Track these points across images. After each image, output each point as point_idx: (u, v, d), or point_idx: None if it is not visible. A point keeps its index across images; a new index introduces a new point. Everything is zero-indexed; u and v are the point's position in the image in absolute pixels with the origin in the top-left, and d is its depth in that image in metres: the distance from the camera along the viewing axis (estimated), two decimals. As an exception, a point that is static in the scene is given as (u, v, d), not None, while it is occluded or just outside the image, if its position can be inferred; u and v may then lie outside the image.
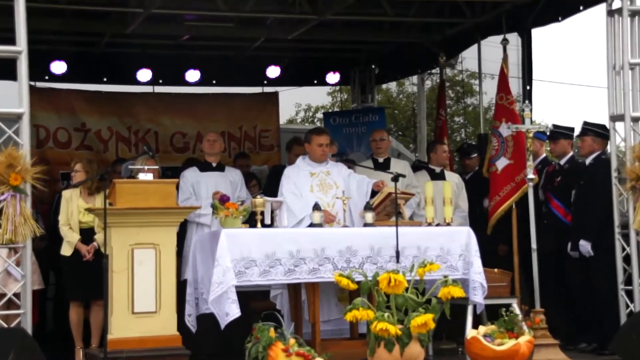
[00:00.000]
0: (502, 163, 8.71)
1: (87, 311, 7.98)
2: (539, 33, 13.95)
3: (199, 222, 8.32)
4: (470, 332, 6.86)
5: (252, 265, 6.87)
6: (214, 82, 12.04)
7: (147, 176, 7.02)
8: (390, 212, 7.71)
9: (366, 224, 7.39)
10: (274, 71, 11.95)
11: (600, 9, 7.93)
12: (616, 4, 7.68)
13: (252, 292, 7.80)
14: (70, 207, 7.82)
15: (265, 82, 12.17)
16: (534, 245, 7.79)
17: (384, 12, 9.81)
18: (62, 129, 11.30)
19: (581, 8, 9.32)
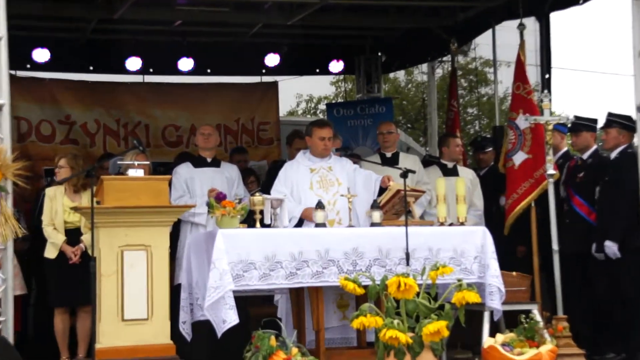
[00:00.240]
0: (520, 158, 8.69)
1: (73, 318, 7.99)
2: (558, 17, 13.91)
3: (193, 221, 8.34)
4: (487, 341, 6.86)
5: (250, 268, 6.84)
6: (209, 71, 12.08)
7: (138, 172, 7.04)
8: (399, 210, 7.70)
9: (373, 224, 7.36)
10: (273, 59, 11.95)
11: (626, -10, 7.92)
12: (643, -15, 7.66)
13: (251, 297, 7.79)
14: (54, 205, 7.82)
15: (264, 71, 12.20)
16: (555, 246, 7.80)
17: (392, -5, 9.83)
18: (46, 121, 11.33)
19: (604, -11, 9.35)
